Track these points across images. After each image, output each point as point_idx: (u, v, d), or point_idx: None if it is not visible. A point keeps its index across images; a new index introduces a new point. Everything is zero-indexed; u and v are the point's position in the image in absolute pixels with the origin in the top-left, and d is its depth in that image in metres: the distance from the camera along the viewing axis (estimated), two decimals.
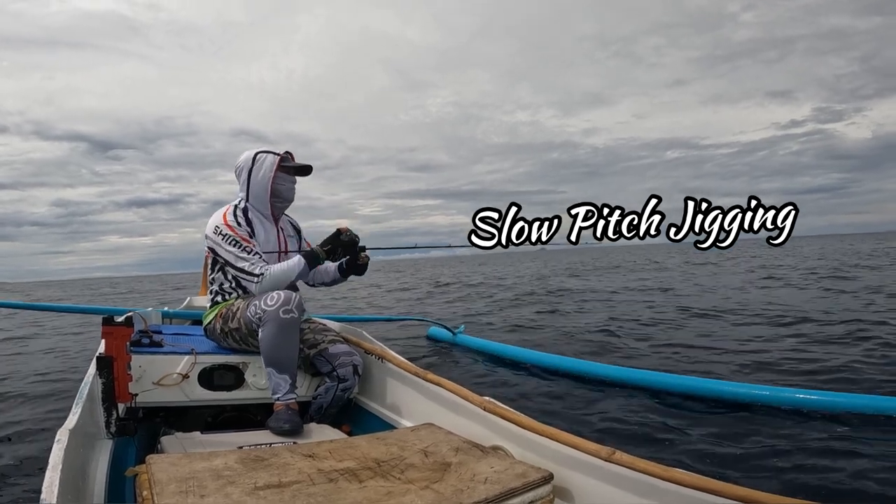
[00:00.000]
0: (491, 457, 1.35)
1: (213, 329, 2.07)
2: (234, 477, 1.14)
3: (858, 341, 4.29)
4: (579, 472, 1.28)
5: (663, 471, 1.11)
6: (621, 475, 1.19)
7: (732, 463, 2.14)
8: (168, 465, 1.17)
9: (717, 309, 6.70)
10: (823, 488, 1.89)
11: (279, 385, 1.84)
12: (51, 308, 4.61)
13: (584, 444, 1.27)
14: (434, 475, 1.23)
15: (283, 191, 2.10)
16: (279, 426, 1.76)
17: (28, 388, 3.74)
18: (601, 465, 1.22)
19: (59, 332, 7.20)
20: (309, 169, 2.15)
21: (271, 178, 2.04)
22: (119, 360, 1.58)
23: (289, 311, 1.82)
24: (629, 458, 1.18)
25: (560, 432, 1.34)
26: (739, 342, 4.60)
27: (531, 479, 1.21)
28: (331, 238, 2.08)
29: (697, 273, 14.14)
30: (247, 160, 2.06)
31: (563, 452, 1.32)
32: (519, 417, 1.46)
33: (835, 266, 13.16)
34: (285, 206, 2.16)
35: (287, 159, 2.10)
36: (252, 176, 2.05)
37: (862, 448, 2.20)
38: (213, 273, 2.08)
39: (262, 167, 2.04)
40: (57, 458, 1.02)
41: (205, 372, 1.96)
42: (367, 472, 1.23)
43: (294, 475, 1.18)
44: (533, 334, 5.63)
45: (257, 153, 2.07)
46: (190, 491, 1.05)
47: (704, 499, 1.04)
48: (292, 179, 2.13)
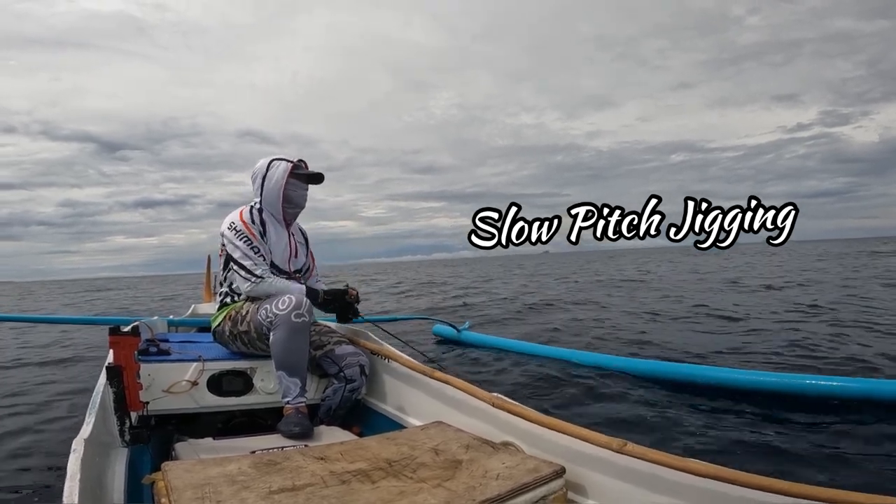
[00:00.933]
0: (502, 453, 1.36)
1: (221, 332, 2.08)
2: (248, 482, 1.15)
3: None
4: (591, 465, 1.29)
5: (675, 460, 1.11)
6: (634, 467, 1.20)
7: (745, 452, 2.14)
8: (183, 471, 1.18)
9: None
10: (840, 475, 1.89)
11: (289, 388, 1.85)
12: (56, 321, 4.63)
13: (594, 436, 1.28)
14: (446, 473, 1.24)
15: (295, 197, 2.15)
16: (290, 430, 1.77)
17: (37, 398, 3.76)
18: (613, 457, 1.23)
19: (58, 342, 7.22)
20: (321, 177, 2.21)
21: (283, 184, 2.10)
22: (128, 370, 1.59)
23: (300, 315, 1.85)
24: (641, 449, 1.18)
25: (570, 425, 1.34)
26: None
27: (543, 473, 1.21)
28: (338, 296, 2.14)
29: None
30: (262, 167, 2.13)
31: (574, 446, 1.32)
32: (528, 412, 1.47)
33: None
34: (297, 212, 2.22)
35: (300, 167, 2.16)
36: (266, 181, 2.11)
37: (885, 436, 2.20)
38: (225, 272, 2.10)
39: (276, 174, 2.11)
40: (75, 467, 1.03)
41: (213, 378, 1.97)
42: (379, 473, 1.24)
43: (307, 478, 1.19)
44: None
45: (272, 160, 2.14)
46: (207, 497, 1.06)
47: (720, 488, 1.04)
48: (304, 187, 2.18)
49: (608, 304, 8.48)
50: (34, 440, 2.75)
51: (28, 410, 3.39)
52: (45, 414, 3.30)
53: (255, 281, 1.97)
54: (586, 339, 5.05)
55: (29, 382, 4.34)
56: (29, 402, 3.65)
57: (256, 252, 2.01)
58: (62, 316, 8.83)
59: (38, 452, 2.56)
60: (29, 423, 3.11)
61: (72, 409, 3.29)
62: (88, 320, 4.35)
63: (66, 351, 6.06)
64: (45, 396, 3.81)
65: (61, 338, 7.25)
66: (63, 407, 3.42)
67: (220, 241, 2.10)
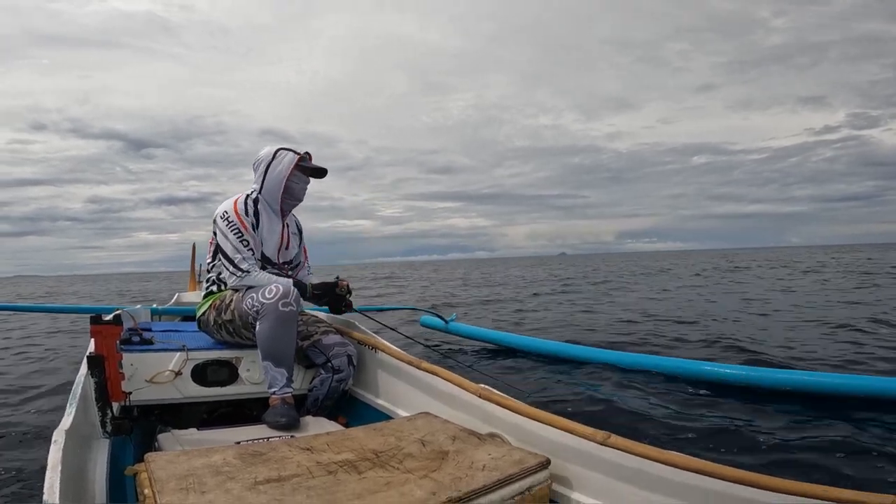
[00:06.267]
0: (488, 444, 1.37)
1: (206, 321, 2.06)
2: (233, 472, 1.14)
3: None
4: (576, 457, 1.30)
5: (659, 453, 1.13)
6: (617, 459, 1.21)
7: (728, 445, 2.17)
8: (167, 462, 1.16)
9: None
10: (819, 468, 1.92)
11: (276, 379, 1.84)
12: (38, 309, 4.55)
13: (580, 428, 1.29)
14: (432, 464, 1.24)
15: (296, 190, 2.12)
16: (276, 420, 1.76)
17: (15, 388, 3.70)
18: (597, 449, 1.24)
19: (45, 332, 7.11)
20: (324, 172, 2.18)
21: (287, 175, 2.06)
22: (110, 359, 1.57)
23: (287, 304, 1.83)
24: (625, 441, 1.20)
25: (556, 417, 1.36)
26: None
27: (529, 464, 1.22)
28: (327, 289, 2.10)
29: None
30: (267, 154, 2.09)
31: (560, 438, 1.33)
32: (515, 404, 1.48)
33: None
34: (294, 205, 2.18)
35: (305, 159, 2.12)
36: (269, 170, 2.07)
37: (863, 431, 2.24)
38: (213, 261, 2.08)
39: (281, 163, 2.07)
40: (55, 459, 1.01)
41: (198, 368, 1.95)
42: (366, 463, 1.24)
43: (293, 469, 1.19)
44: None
45: (279, 149, 2.10)
46: (190, 488, 1.05)
47: (699, 481, 1.06)
48: (306, 180, 2.15)
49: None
50: (13, 431, 2.71)
51: (7, 401, 3.33)
52: (26, 405, 3.25)
53: (240, 276, 1.95)
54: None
55: (10, 374, 4.27)
56: (7, 392, 3.59)
57: (246, 245, 1.98)
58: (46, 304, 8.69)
59: (17, 444, 2.52)
60: (7, 414, 3.06)
61: (52, 399, 3.24)
62: (71, 309, 4.28)
63: (50, 340, 5.96)
64: (25, 386, 3.75)
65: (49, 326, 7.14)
66: (44, 398, 3.37)
67: (211, 229, 2.06)
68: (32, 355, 5.14)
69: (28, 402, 3.28)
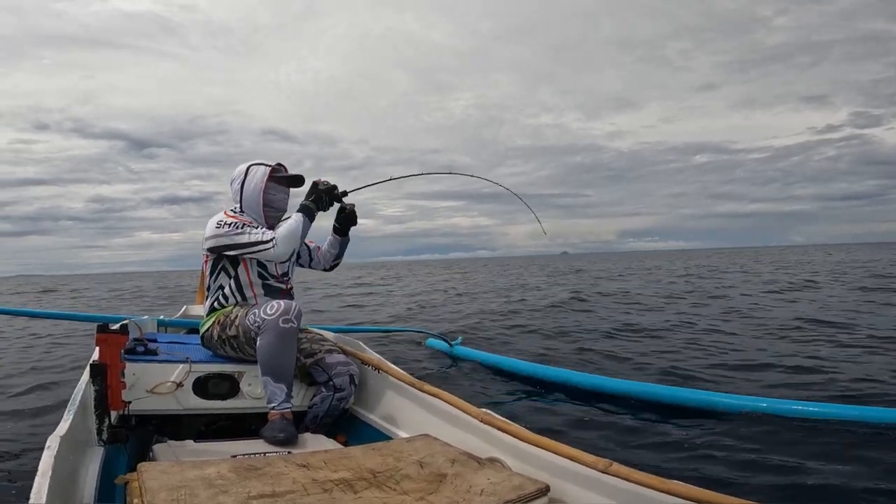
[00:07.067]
0: (487, 468, 1.34)
1: (210, 336, 2.06)
2: (226, 486, 1.12)
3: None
4: (576, 484, 1.27)
5: (661, 483, 1.10)
6: (618, 487, 1.18)
7: (731, 475, 2.11)
8: (159, 472, 1.15)
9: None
10: (825, 497, 1.87)
11: (275, 394, 1.83)
12: (46, 315, 4.58)
13: (581, 455, 1.26)
14: (430, 486, 1.22)
15: (276, 201, 2.13)
16: (273, 435, 1.74)
17: (17, 395, 3.70)
18: (598, 476, 1.21)
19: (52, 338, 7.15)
20: (301, 180, 2.19)
21: (262, 188, 2.08)
22: (112, 368, 1.57)
23: (288, 321, 1.83)
24: (626, 469, 1.17)
25: (557, 444, 1.33)
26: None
27: (527, 490, 1.19)
28: (311, 190, 2.13)
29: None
30: (240, 173, 2.12)
31: (560, 464, 1.30)
32: (516, 429, 1.45)
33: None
34: (279, 216, 2.18)
35: (279, 170, 2.14)
36: (244, 187, 2.10)
37: (865, 457, 2.18)
38: (213, 278, 2.08)
39: (254, 178, 2.09)
40: (47, 465, 1.00)
41: (199, 380, 1.95)
42: (363, 483, 1.22)
43: (288, 485, 1.17)
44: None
45: (250, 166, 2.13)
46: (181, 500, 1.03)
47: None
48: (285, 191, 2.16)
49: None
50: (10, 438, 2.71)
51: (5, 408, 3.34)
52: (25, 410, 3.25)
53: (272, 244, 1.96)
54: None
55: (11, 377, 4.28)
56: (7, 398, 3.60)
57: (255, 227, 2.00)
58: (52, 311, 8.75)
59: (13, 451, 2.51)
60: (5, 420, 3.06)
61: (53, 406, 3.24)
62: (79, 317, 4.30)
63: (56, 346, 5.99)
64: (25, 392, 3.76)
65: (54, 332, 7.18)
66: (44, 404, 3.37)
67: (202, 250, 2.08)
68: (32, 358, 5.16)
69: (28, 409, 3.27)
